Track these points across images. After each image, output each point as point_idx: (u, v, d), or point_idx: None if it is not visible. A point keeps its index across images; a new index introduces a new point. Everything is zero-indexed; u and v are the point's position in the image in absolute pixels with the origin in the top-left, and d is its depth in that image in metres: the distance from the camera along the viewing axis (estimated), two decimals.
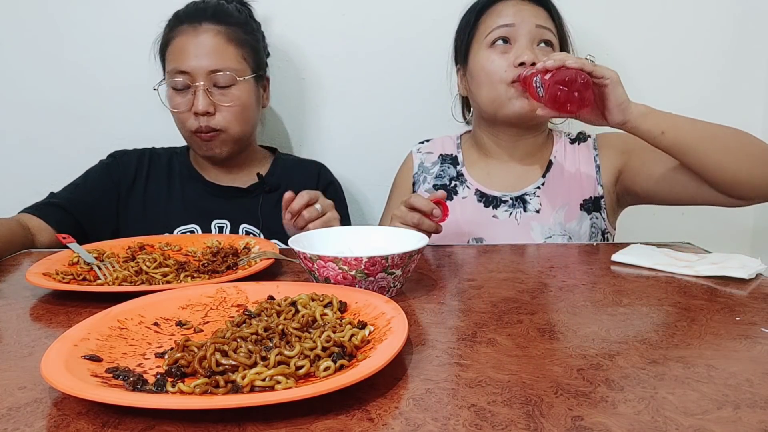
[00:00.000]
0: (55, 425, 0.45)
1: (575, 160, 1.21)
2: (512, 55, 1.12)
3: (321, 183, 1.30)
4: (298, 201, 0.97)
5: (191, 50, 1.14)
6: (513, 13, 1.13)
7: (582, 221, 1.17)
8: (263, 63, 1.27)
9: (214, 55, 1.14)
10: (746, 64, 1.44)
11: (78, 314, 0.71)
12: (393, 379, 0.51)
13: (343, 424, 0.44)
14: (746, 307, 0.71)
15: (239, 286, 0.73)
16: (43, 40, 1.41)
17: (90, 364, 0.52)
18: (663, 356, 0.56)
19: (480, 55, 1.15)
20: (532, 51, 1.11)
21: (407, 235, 0.84)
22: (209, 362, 0.51)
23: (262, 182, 1.25)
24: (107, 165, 1.25)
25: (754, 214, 1.51)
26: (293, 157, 1.39)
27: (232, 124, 1.17)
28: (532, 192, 1.19)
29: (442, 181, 1.24)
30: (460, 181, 1.23)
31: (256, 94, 1.22)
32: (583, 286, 0.80)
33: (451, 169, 1.25)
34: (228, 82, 1.15)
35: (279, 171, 1.30)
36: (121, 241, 1.01)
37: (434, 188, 1.24)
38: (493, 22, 1.14)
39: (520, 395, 0.48)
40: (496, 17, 1.14)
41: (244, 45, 1.19)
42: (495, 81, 1.13)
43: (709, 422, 0.44)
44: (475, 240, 1.17)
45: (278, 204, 1.14)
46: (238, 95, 1.16)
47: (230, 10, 1.21)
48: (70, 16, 1.40)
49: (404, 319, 0.58)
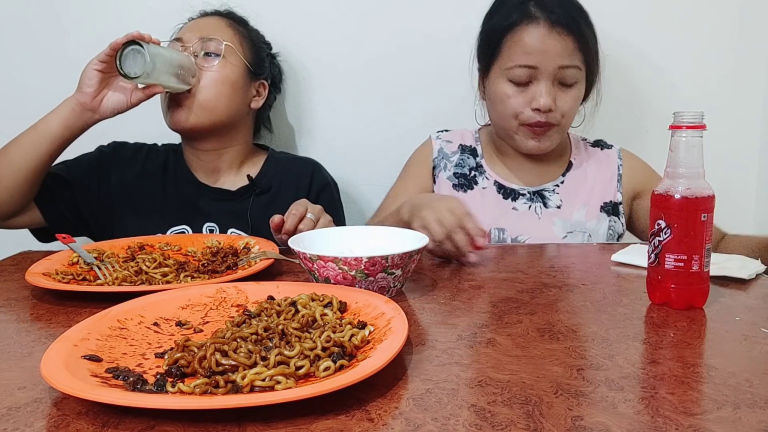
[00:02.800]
0: (55, 425, 0.45)
1: (597, 163, 1.24)
2: (529, 95, 1.10)
3: (315, 184, 1.28)
4: (291, 221, 0.96)
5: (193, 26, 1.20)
6: (538, 51, 1.07)
7: (601, 222, 1.19)
8: (262, 61, 1.26)
9: (208, 29, 1.18)
10: (746, 64, 1.44)
11: (78, 314, 0.71)
12: (393, 380, 0.51)
13: (343, 424, 0.44)
14: (746, 307, 0.71)
15: (239, 286, 0.73)
16: (45, 37, 1.41)
17: (90, 364, 0.52)
18: (663, 356, 0.56)
19: (499, 84, 1.13)
20: (551, 94, 1.09)
21: (407, 235, 0.84)
22: (209, 362, 0.51)
23: (253, 184, 1.22)
24: (101, 151, 1.25)
25: (754, 217, 1.51)
26: (287, 156, 1.35)
27: (205, 94, 1.14)
28: (552, 188, 1.21)
29: (462, 170, 1.24)
30: (479, 172, 1.23)
31: (240, 83, 1.19)
32: (583, 286, 0.80)
33: (470, 160, 1.25)
34: (215, 49, 1.16)
35: (272, 171, 1.27)
36: (121, 241, 1.01)
37: (454, 176, 1.23)
38: (517, 56, 1.09)
39: (520, 395, 0.48)
40: (521, 51, 1.08)
41: (243, 34, 1.22)
42: (509, 115, 1.13)
43: (708, 422, 0.44)
44: (498, 230, 1.18)
45: (269, 207, 1.13)
46: (222, 64, 1.16)
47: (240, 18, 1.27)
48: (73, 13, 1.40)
49: (404, 319, 0.58)
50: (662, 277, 0.70)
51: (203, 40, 1.16)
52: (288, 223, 0.96)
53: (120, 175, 1.22)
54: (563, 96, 1.11)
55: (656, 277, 0.71)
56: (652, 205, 0.71)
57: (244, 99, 1.22)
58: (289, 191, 1.21)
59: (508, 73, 1.11)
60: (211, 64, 1.15)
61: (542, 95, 1.08)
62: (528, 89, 1.10)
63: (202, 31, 1.17)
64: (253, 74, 1.23)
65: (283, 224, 0.96)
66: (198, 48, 1.15)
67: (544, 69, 1.08)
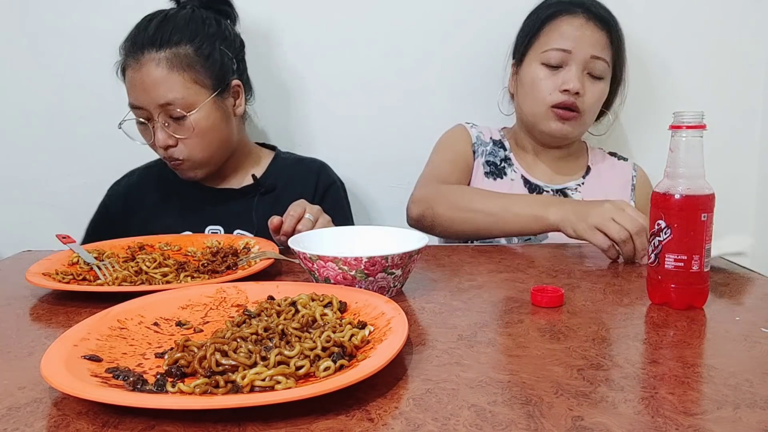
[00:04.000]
0: (55, 425, 0.45)
1: (612, 171, 1.29)
2: (560, 79, 1.17)
3: (321, 183, 1.27)
4: (289, 223, 0.96)
5: (138, 85, 1.08)
6: (574, 37, 1.16)
7: None
8: (228, 71, 1.15)
9: (161, 88, 1.06)
10: (746, 64, 1.44)
11: (78, 314, 0.71)
12: (393, 379, 0.51)
13: (343, 424, 0.44)
14: (746, 307, 0.71)
15: (239, 286, 0.73)
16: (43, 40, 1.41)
17: (90, 364, 0.52)
18: (663, 356, 0.56)
19: (532, 68, 1.21)
20: (580, 80, 1.16)
21: (407, 235, 0.84)
22: (209, 362, 0.51)
23: (257, 184, 1.22)
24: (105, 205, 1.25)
25: (754, 217, 1.51)
26: (294, 156, 1.34)
27: (195, 152, 1.11)
28: (574, 187, 1.25)
29: (495, 159, 1.28)
30: (508, 164, 1.28)
31: (221, 112, 1.13)
32: (584, 286, 0.80)
33: (500, 152, 1.29)
34: (180, 114, 1.07)
35: (277, 171, 1.26)
36: (121, 241, 1.01)
37: (487, 164, 1.27)
38: (554, 40, 1.18)
39: (520, 395, 0.48)
40: (558, 36, 1.18)
41: (193, 66, 1.09)
42: (539, 98, 1.19)
43: (708, 422, 0.44)
44: None
45: (274, 206, 1.12)
46: (195, 124, 1.08)
47: (174, 26, 1.10)
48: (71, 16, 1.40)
49: (404, 319, 0.58)
50: (662, 277, 0.70)
51: (164, 107, 1.07)
52: (286, 224, 0.96)
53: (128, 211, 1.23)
54: (591, 87, 1.18)
55: (656, 277, 0.71)
56: (652, 205, 0.71)
57: (229, 121, 1.16)
58: (295, 191, 1.20)
59: (542, 57, 1.19)
60: (184, 131, 1.09)
61: (572, 79, 1.16)
62: (559, 74, 1.17)
63: (154, 93, 1.06)
64: (223, 89, 1.14)
65: (282, 225, 0.96)
66: (164, 117, 1.08)
67: (576, 54, 1.16)
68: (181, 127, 1.09)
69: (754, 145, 1.47)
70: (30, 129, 1.45)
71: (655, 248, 0.70)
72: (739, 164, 1.48)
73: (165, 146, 1.10)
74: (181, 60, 1.08)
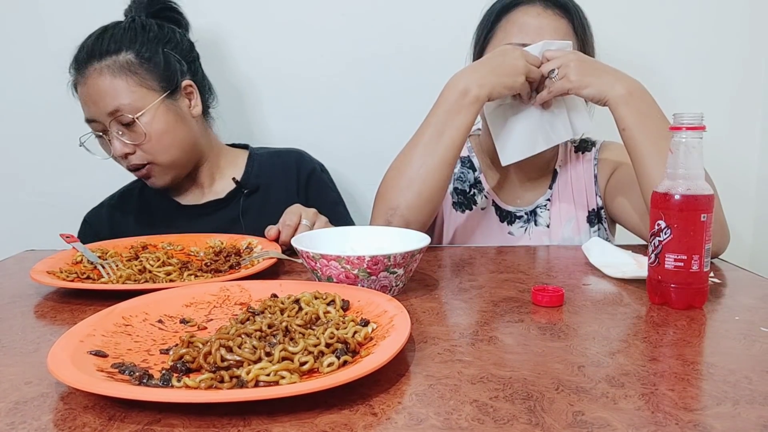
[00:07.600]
0: (62, 419, 0.45)
1: (578, 170, 1.20)
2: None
3: (302, 173, 1.25)
4: (286, 233, 0.96)
5: (86, 98, 1.08)
6: (532, 27, 1.06)
7: (588, 235, 1.16)
8: (175, 72, 1.13)
9: (107, 97, 1.05)
10: (746, 64, 1.45)
11: (82, 312, 0.71)
12: (396, 375, 0.52)
13: (347, 419, 0.45)
14: (745, 307, 0.72)
15: (242, 285, 0.73)
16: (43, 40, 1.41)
17: (96, 359, 0.53)
18: (663, 354, 0.57)
19: None
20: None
21: (409, 234, 0.85)
22: (214, 358, 0.51)
23: (240, 187, 1.20)
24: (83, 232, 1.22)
25: (754, 217, 1.51)
26: (268, 150, 1.30)
27: (155, 156, 1.10)
28: (543, 204, 1.19)
29: (463, 186, 1.21)
30: (478, 189, 1.21)
31: (173, 113, 1.11)
32: (584, 285, 0.81)
33: (470, 174, 1.22)
34: (129, 119, 1.06)
35: (256, 169, 1.24)
36: (124, 241, 1.01)
37: (455, 192, 1.20)
38: (512, 34, 1.08)
39: (521, 391, 0.49)
40: (516, 30, 1.08)
41: (135, 70, 1.08)
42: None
43: (708, 417, 0.44)
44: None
45: (262, 207, 1.11)
46: (147, 128, 1.07)
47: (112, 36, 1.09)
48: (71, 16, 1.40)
49: (407, 316, 0.59)
50: (662, 277, 0.70)
51: (113, 115, 1.06)
52: (284, 234, 0.96)
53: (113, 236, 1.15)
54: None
55: (656, 277, 0.71)
56: (652, 206, 0.72)
57: (186, 123, 1.14)
58: (278, 186, 1.19)
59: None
60: (137, 136, 1.07)
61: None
62: None
63: (102, 103, 1.06)
64: (173, 90, 1.12)
65: (279, 235, 0.97)
66: (115, 126, 1.07)
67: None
68: (134, 132, 1.07)
69: (754, 145, 1.48)
70: (30, 129, 1.45)
71: (655, 248, 0.71)
72: (739, 164, 1.48)
73: (123, 154, 1.08)
74: (122, 66, 1.07)
